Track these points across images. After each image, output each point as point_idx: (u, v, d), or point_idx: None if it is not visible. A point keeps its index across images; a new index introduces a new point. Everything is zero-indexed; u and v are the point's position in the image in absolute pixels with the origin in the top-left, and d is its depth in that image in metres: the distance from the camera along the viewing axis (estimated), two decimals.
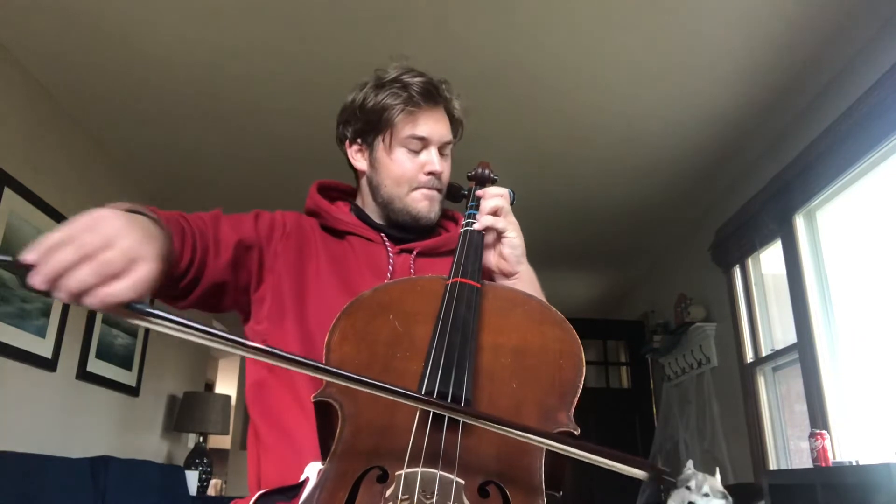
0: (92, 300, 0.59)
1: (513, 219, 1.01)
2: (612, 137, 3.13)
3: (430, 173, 1.05)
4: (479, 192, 1.04)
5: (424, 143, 1.05)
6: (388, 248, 1.06)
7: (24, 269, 0.59)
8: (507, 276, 1.00)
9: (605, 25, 2.36)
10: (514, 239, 0.99)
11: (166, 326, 0.61)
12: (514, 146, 3.21)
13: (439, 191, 1.08)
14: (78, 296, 0.59)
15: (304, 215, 1.11)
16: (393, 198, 1.07)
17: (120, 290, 0.60)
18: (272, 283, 1.00)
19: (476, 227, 0.99)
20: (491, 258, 1.01)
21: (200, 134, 3.15)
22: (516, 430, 0.65)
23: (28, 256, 0.59)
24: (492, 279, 1.02)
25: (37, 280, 0.59)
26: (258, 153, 3.33)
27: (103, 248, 0.60)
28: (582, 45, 2.47)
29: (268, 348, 0.64)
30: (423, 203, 1.06)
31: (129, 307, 0.61)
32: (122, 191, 3.50)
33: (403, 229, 1.08)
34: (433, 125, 1.05)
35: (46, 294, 0.60)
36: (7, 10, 2.29)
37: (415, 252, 1.06)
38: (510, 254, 0.99)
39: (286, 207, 1.11)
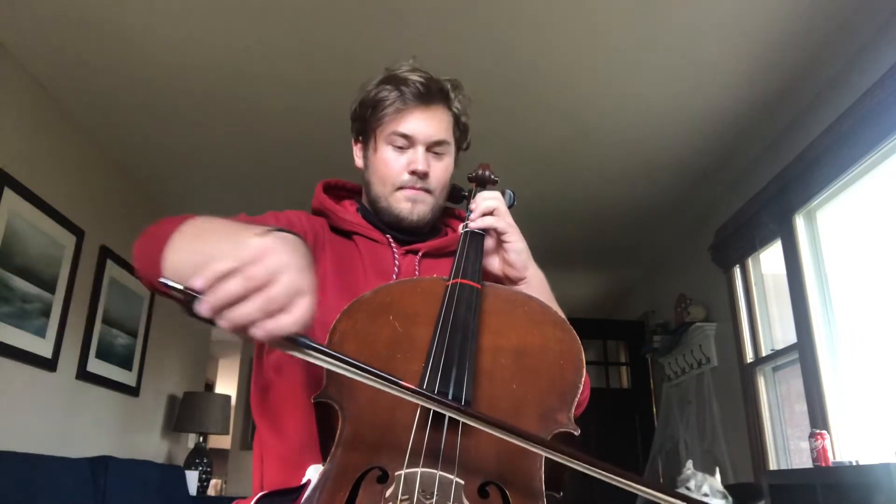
0: (257, 332, 0.60)
1: (511, 221, 0.99)
2: (613, 137, 3.13)
3: (413, 173, 1.02)
4: (472, 203, 1.03)
5: (410, 141, 1.03)
6: (394, 250, 1.05)
7: (192, 296, 0.60)
8: (516, 281, 0.98)
9: (606, 25, 2.36)
10: (516, 243, 0.97)
11: (324, 360, 0.64)
12: (513, 146, 3.21)
13: (427, 192, 1.05)
14: (242, 328, 0.60)
15: (311, 215, 1.10)
16: (379, 196, 1.06)
17: (285, 325, 0.60)
18: None
19: (472, 225, 0.97)
20: (496, 265, 0.99)
21: (201, 134, 3.15)
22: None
23: (196, 283, 0.59)
24: (501, 283, 1.01)
25: (204, 308, 0.60)
26: (259, 153, 3.33)
27: (269, 283, 0.60)
28: (582, 45, 2.47)
29: (417, 389, 0.65)
30: (405, 205, 1.04)
31: (291, 340, 0.62)
32: (122, 191, 3.50)
33: (394, 229, 1.07)
34: (420, 123, 1.03)
35: (211, 322, 0.61)
36: (7, 10, 2.29)
37: (420, 253, 1.06)
38: (515, 259, 0.97)
39: (288, 208, 1.11)
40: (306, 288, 0.62)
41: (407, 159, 1.03)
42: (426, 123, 1.03)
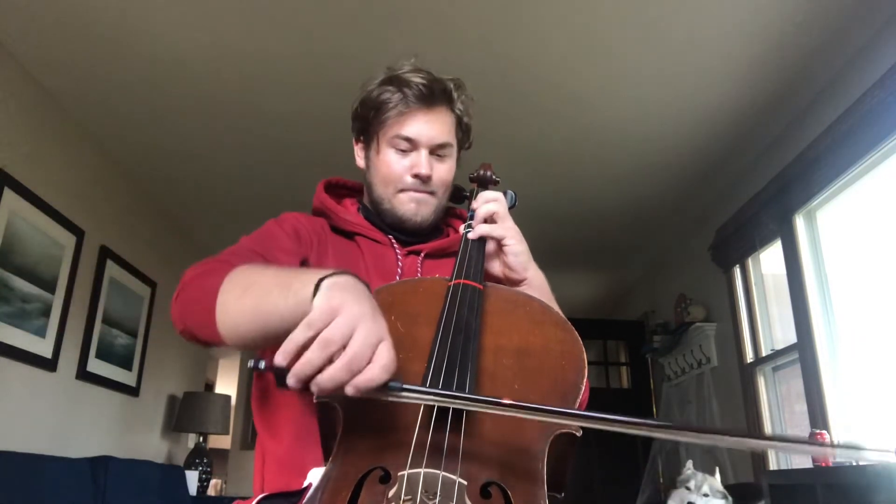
0: (350, 390, 0.61)
1: (511, 223, 0.99)
2: (613, 137, 3.13)
3: (415, 176, 1.02)
4: (474, 203, 1.03)
5: (413, 144, 1.02)
6: (397, 250, 1.05)
7: (281, 372, 0.61)
8: (516, 283, 0.98)
9: (606, 26, 2.36)
10: (514, 245, 0.97)
11: (419, 399, 0.66)
12: (514, 146, 3.21)
13: (430, 193, 1.05)
14: (334, 390, 0.61)
15: (311, 216, 1.09)
16: (381, 198, 1.05)
17: (373, 377, 0.62)
18: None
19: (471, 236, 0.97)
20: (496, 267, 0.99)
21: (201, 134, 3.15)
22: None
23: (278, 359, 0.61)
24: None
25: (292, 382, 0.61)
26: (258, 154, 3.33)
27: (346, 342, 0.61)
28: (582, 45, 2.47)
29: (520, 403, 0.66)
30: (410, 206, 1.04)
31: (383, 388, 0.63)
32: (122, 191, 3.50)
33: (395, 229, 1.07)
34: (423, 126, 1.02)
35: (305, 391, 0.62)
36: (7, 11, 2.29)
37: (423, 254, 1.06)
38: (514, 262, 0.97)
39: (286, 208, 1.11)
40: (383, 333, 0.64)
41: (410, 162, 1.03)
42: (429, 126, 1.03)
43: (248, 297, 0.75)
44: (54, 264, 2.85)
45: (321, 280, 0.66)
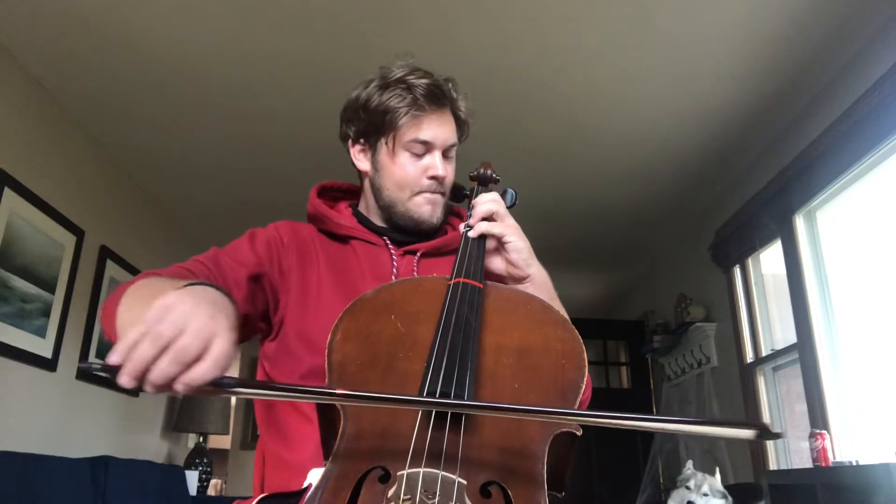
0: (179, 387, 0.60)
1: (511, 221, 0.99)
2: (612, 137, 3.13)
3: (432, 177, 1.04)
4: (473, 202, 1.03)
5: (428, 147, 1.03)
6: (392, 251, 1.05)
7: (115, 371, 0.60)
8: (519, 280, 0.98)
9: (606, 26, 2.36)
10: (515, 242, 0.97)
11: (253, 395, 0.68)
12: (513, 146, 3.21)
13: (443, 194, 1.06)
14: (165, 386, 0.60)
15: (298, 223, 1.10)
16: (395, 202, 1.05)
17: (201, 372, 0.60)
18: (286, 302, 1.00)
19: (470, 234, 0.98)
20: (499, 265, 0.99)
21: (200, 135, 3.15)
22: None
23: (112, 358, 0.60)
24: (504, 283, 1.01)
25: (123, 380, 0.60)
26: (259, 154, 3.33)
27: (177, 336, 0.60)
28: (581, 45, 2.47)
29: (354, 392, 0.67)
30: (426, 207, 1.05)
31: (215, 385, 0.62)
32: (122, 191, 3.50)
33: (406, 232, 1.07)
34: (437, 129, 1.03)
35: (140, 389, 0.62)
36: (7, 10, 2.29)
37: (419, 253, 1.06)
38: (517, 258, 0.97)
39: (286, 208, 1.11)
40: (218, 331, 0.62)
41: (424, 164, 1.04)
42: (442, 129, 1.04)
43: (135, 307, 0.76)
44: (54, 264, 2.85)
45: (180, 288, 0.67)
